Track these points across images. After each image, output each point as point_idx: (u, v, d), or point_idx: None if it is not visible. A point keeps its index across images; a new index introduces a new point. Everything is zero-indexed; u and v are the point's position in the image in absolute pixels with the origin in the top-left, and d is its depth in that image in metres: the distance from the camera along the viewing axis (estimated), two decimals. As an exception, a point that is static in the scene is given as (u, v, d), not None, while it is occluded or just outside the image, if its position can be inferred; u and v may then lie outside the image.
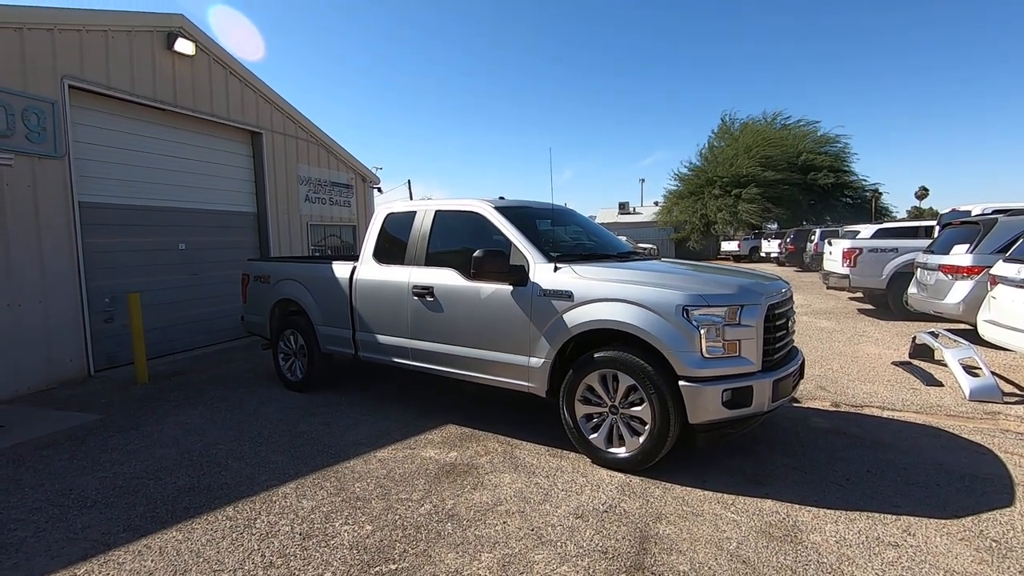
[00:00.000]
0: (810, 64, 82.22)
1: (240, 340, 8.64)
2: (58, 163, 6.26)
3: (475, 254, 3.93)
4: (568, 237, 4.92)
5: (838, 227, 18.77)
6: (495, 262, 3.93)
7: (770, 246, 27.68)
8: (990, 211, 8.70)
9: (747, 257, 30.66)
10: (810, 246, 20.16)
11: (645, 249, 27.24)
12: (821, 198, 32.75)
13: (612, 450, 3.62)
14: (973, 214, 9.02)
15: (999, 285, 5.62)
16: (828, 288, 11.14)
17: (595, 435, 3.69)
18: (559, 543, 2.77)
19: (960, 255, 7.24)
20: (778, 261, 25.14)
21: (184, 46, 7.63)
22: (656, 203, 41.68)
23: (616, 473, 3.56)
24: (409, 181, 31.22)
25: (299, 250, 10.21)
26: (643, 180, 72.35)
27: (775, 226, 32.12)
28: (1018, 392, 5.16)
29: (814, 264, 18.30)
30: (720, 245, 34.38)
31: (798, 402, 5.00)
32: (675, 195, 36.53)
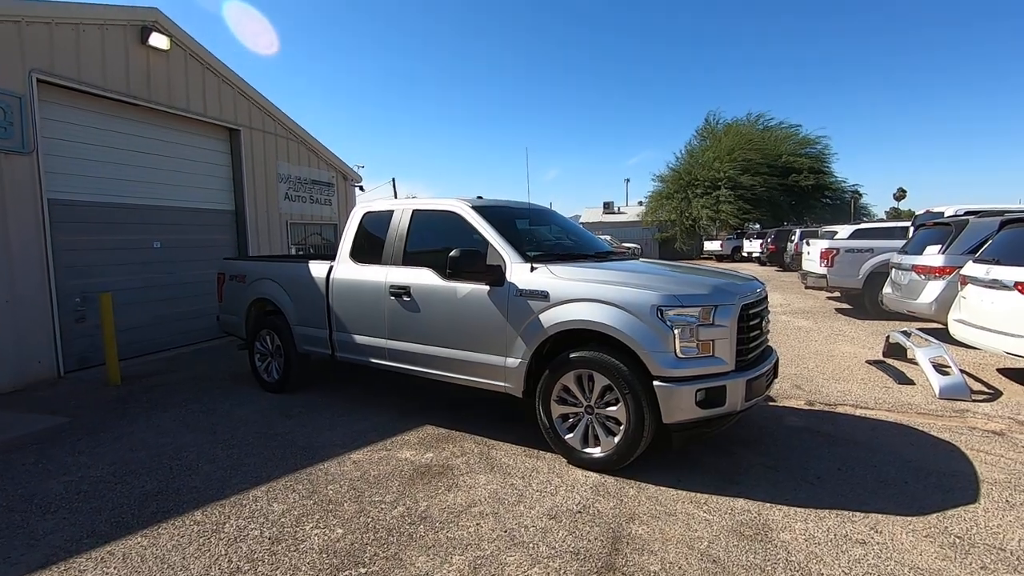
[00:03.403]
0: (793, 68, 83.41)
1: (217, 340, 8.50)
2: (26, 159, 6.09)
3: (451, 254, 3.91)
4: (546, 237, 4.92)
5: (818, 227, 19.04)
6: (471, 262, 3.91)
7: (752, 246, 28.03)
8: (962, 213, 8.88)
9: (729, 257, 31.01)
10: (790, 246, 20.40)
11: (629, 249, 27.42)
12: (802, 199, 33.24)
13: (588, 450, 3.62)
14: (946, 215, 9.20)
15: (969, 285, 5.73)
16: (806, 288, 11.30)
17: (571, 435, 3.69)
18: (532, 544, 2.76)
19: (932, 256, 7.38)
20: (759, 261, 25.45)
21: (159, 40, 7.47)
22: (640, 203, 41.94)
23: (591, 473, 3.56)
24: (393, 179, 31.11)
25: (279, 249, 10.09)
26: (628, 180, 72.97)
27: (757, 226, 32.53)
28: (986, 390, 5.27)
29: (794, 264, 18.53)
30: (703, 245, 34.72)
31: (774, 401, 5.05)
32: (659, 195, 36.79)
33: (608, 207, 46.53)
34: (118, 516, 3.14)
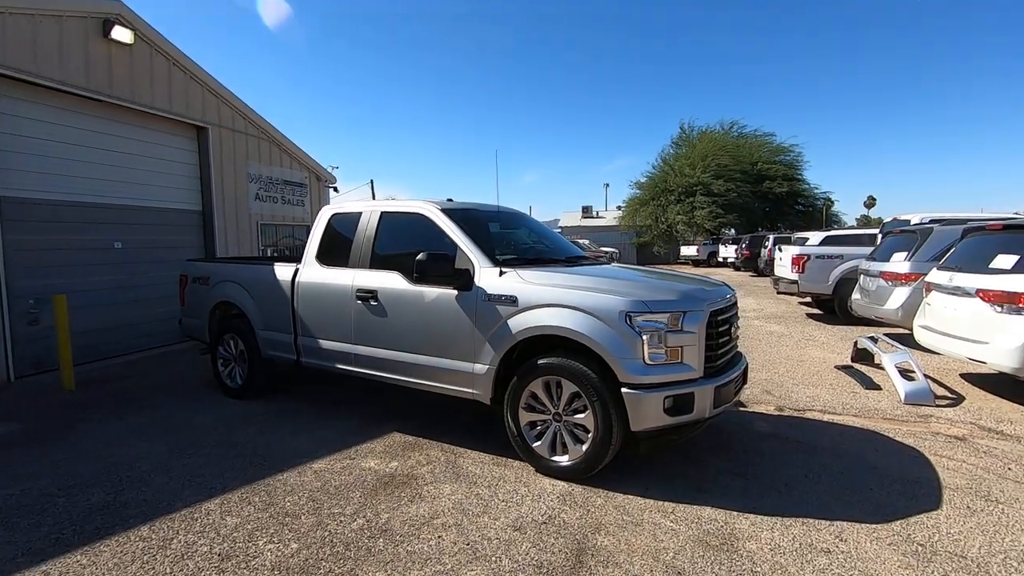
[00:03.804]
0: (769, 78, 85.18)
1: (183, 344, 8.23)
2: (-25, 154, 5.82)
3: (418, 257, 3.81)
4: (517, 241, 4.86)
5: (791, 234, 19.34)
6: (439, 266, 3.82)
7: (727, 251, 28.39)
8: (927, 221, 9.08)
9: (705, 262, 31.37)
10: (764, 252, 20.68)
11: (607, 253, 27.56)
12: (775, 206, 33.85)
13: (555, 458, 3.56)
14: (912, 223, 9.40)
15: (933, 292, 5.84)
16: (778, 293, 11.44)
17: (538, 443, 3.62)
18: (494, 558, 2.67)
19: (899, 262, 7.52)
20: (734, 266, 25.79)
21: (121, 34, 7.23)
22: (619, 207, 42.26)
23: (559, 482, 3.50)
24: (372, 181, 30.70)
25: (248, 250, 9.84)
26: (607, 185, 73.22)
27: (733, 232, 33.02)
28: (949, 395, 5.36)
29: (768, 269, 18.79)
30: (680, 250, 35.10)
31: (744, 406, 5.06)
32: (636, 201, 37.12)
33: (587, 211, 46.79)
34: (59, 532, 2.96)
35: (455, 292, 3.90)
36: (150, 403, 5.39)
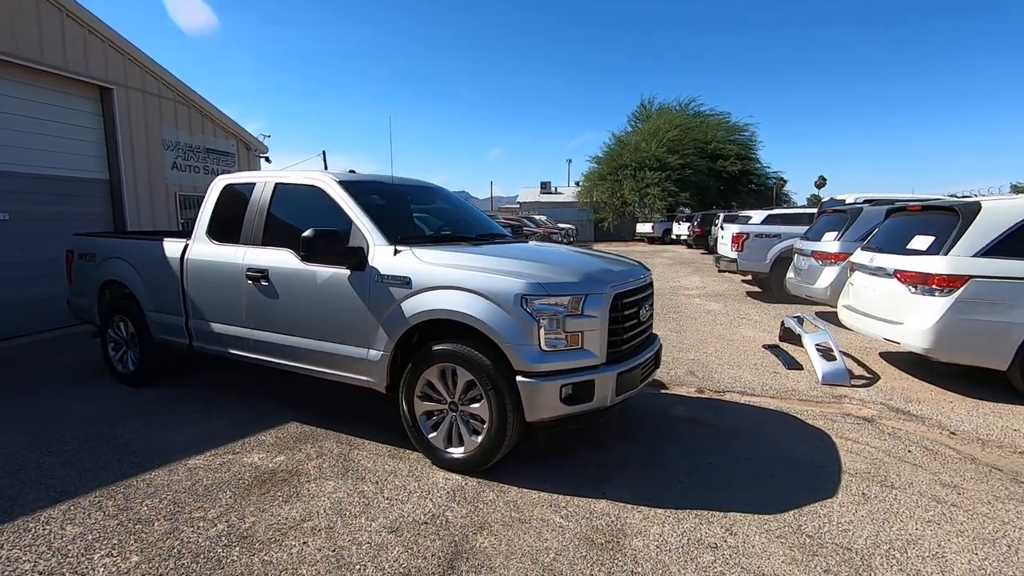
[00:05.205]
0: (725, 59, 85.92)
1: (84, 326, 7.60)
2: None
3: (304, 234, 3.46)
4: (426, 217, 4.55)
5: (738, 212, 19.58)
6: (327, 243, 3.48)
7: (680, 229, 28.66)
8: (861, 200, 9.21)
9: (660, 239, 31.65)
10: (715, 230, 20.92)
11: (563, 230, 27.44)
12: (729, 184, 34.37)
13: (450, 450, 3.34)
14: (847, 203, 9.52)
15: (856, 272, 5.85)
16: (720, 271, 11.52)
17: (434, 434, 3.39)
18: (359, 566, 2.44)
19: (829, 242, 7.58)
20: (687, 243, 26.10)
21: (-3, -23, 6.41)
22: (577, 183, 42.13)
23: (453, 476, 3.28)
24: (324, 152, 29.49)
25: (166, 224, 9.16)
26: (570, 161, 73.27)
27: (687, 210, 33.39)
28: (866, 375, 5.40)
29: (715, 247, 19.03)
30: (636, 227, 35.31)
31: (666, 388, 4.96)
32: (595, 175, 37.02)
33: (545, 187, 46.45)
34: None
35: (348, 272, 3.58)
36: (32, 391, 4.90)
